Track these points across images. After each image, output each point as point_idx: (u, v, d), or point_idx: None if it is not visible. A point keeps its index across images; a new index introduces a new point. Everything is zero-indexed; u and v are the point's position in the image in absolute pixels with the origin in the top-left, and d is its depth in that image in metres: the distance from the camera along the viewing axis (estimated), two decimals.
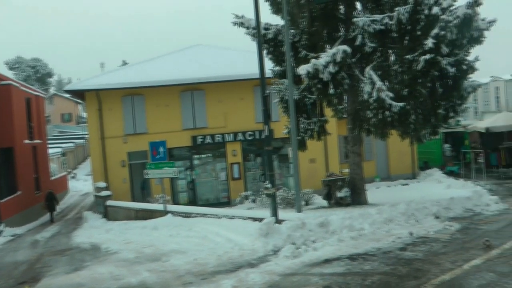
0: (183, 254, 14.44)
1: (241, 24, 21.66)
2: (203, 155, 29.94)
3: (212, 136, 28.92)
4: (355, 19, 19.29)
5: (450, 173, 34.36)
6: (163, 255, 14.61)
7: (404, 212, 17.63)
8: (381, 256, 12.93)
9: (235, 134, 29.15)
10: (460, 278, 10.65)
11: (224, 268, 12.44)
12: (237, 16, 21.79)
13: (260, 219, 16.12)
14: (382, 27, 18.86)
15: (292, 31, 21.25)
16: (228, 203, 28.62)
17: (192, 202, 28.76)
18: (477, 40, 20.30)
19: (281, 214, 16.96)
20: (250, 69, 24.90)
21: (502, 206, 20.44)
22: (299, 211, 18.36)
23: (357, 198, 21.58)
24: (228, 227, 17.10)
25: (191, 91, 28.87)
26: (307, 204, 23.86)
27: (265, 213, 17.62)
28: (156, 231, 19.09)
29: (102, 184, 27.20)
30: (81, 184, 50.60)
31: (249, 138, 29.37)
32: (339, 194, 21.55)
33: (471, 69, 20.50)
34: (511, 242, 13.88)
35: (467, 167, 33.59)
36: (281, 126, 23.60)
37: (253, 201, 26.17)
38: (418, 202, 19.08)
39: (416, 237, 15.00)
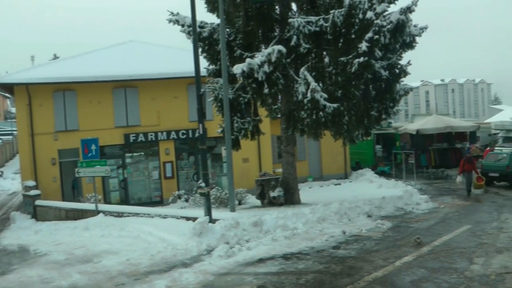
0: (115, 254, 14.15)
1: (176, 22, 21.43)
2: (135, 154, 29.48)
3: (145, 134, 28.52)
4: (290, 20, 19.42)
5: (382, 173, 35.10)
6: (94, 256, 14.25)
7: (337, 211, 17.90)
8: (314, 255, 13.09)
9: (169, 132, 28.83)
10: (392, 275, 10.93)
11: (157, 268, 12.29)
12: (172, 13, 21.54)
13: (193, 219, 16.01)
14: (317, 28, 19.06)
15: (228, 30, 21.20)
16: (160, 202, 28.28)
17: (124, 201, 28.27)
18: (409, 45, 20.88)
19: (215, 213, 16.89)
20: (185, 67, 24.64)
21: (431, 205, 21.14)
22: (233, 210, 18.34)
23: (290, 198, 21.72)
24: (161, 227, 16.88)
25: (124, 88, 28.36)
26: (240, 203, 23.85)
27: (199, 212, 17.51)
28: (88, 231, 18.63)
29: (31, 182, 26.31)
30: (9, 183, 48.84)
31: (183, 137, 29.12)
32: (273, 194, 21.62)
33: (403, 73, 21.09)
34: (440, 239, 14.41)
35: (398, 167, 34.40)
36: (215, 125, 23.49)
37: (186, 200, 25.95)
38: (350, 201, 19.43)
39: (349, 236, 15.29)
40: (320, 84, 19.22)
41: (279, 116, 22.93)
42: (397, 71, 20.95)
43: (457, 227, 16.49)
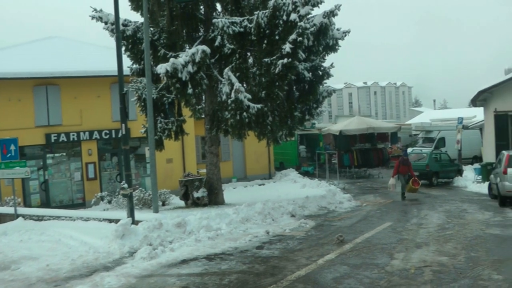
0: (35, 260, 13.62)
1: (100, 19, 21.00)
2: (57, 154, 28.65)
3: (67, 134, 27.77)
4: (215, 20, 19.38)
5: (305, 173, 35.63)
6: (12, 262, 13.66)
7: (260, 211, 17.98)
8: (238, 255, 13.10)
9: (91, 132, 28.19)
10: (315, 273, 11.08)
11: (78, 273, 11.95)
12: (95, 10, 21.09)
13: (116, 221, 15.70)
14: (242, 29, 19.09)
15: (152, 29, 20.97)
16: (83, 205, 27.60)
17: (45, 204, 27.40)
18: (332, 48, 21.24)
19: (138, 215, 16.67)
20: (109, 65, 24.13)
21: (354, 203, 21.65)
22: (156, 211, 18.15)
23: (214, 198, 21.67)
24: (83, 230, 16.46)
25: (46, 85, 27.49)
26: (164, 204, 23.58)
27: (122, 214, 17.20)
28: (5, 236, 17.88)
29: None
30: None
31: (106, 137, 28.54)
32: (196, 194, 21.51)
33: (327, 75, 21.50)
34: (362, 237, 14.77)
35: (322, 167, 34.94)
36: (139, 125, 23.17)
37: (109, 202, 25.43)
38: (274, 201, 19.58)
39: (273, 236, 15.39)
40: (244, 85, 19.29)
41: (203, 116, 22.84)
42: (320, 73, 21.32)
43: (378, 224, 16.96)
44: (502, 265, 11.40)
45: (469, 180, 28.38)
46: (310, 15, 19.35)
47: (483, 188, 24.73)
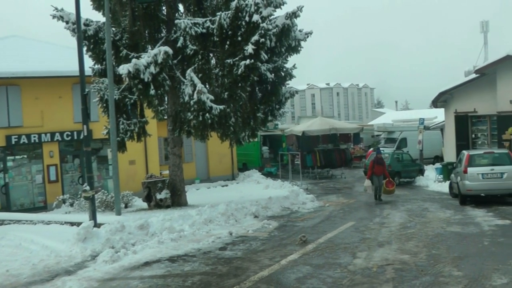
0: None
1: (61, 18, 20.69)
2: (18, 156, 28.15)
3: (28, 136, 27.31)
4: (177, 21, 19.29)
5: (268, 174, 35.69)
6: None
7: (223, 212, 17.98)
8: (201, 256, 13.08)
9: (53, 134, 27.78)
10: (278, 273, 11.12)
11: (39, 278, 11.75)
12: (56, 9, 20.76)
13: (78, 224, 15.51)
14: (204, 30, 19.05)
15: (114, 29, 20.78)
16: (44, 208, 27.17)
17: (6, 208, 26.87)
18: (294, 49, 21.32)
19: (100, 217, 16.51)
20: (70, 66, 23.81)
21: (317, 204, 21.76)
22: (119, 214, 18.02)
23: (177, 200, 21.58)
24: (44, 234, 16.20)
25: (6, 86, 27.01)
26: (126, 206, 23.40)
27: (84, 217, 17.06)
28: None
29: None
30: None
31: (67, 139, 28.16)
32: (159, 196, 21.40)
33: (289, 76, 21.62)
34: (325, 237, 14.87)
35: (285, 168, 35.06)
36: (101, 126, 22.92)
37: (71, 204, 25.10)
38: (237, 202, 19.60)
39: (236, 236, 15.41)
40: (207, 86, 19.27)
41: (165, 117, 22.74)
42: (282, 74, 21.42)
43: (341, 224, 17.08)
44: (462, 262, 11.62)
45: (431, 179, 28.77)
46: (272, 17, 19.37)
47: (444, 187, 25.09)
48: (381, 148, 35.30)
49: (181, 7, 21.54)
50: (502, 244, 13.48)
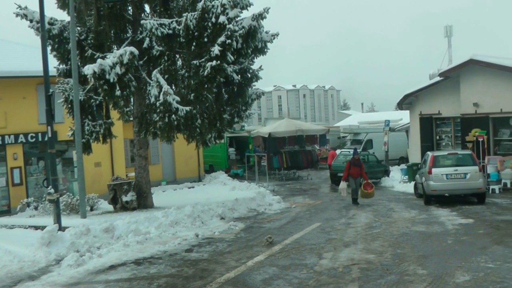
0: None
1: (24, 16, 20.34)
2: None
3: None
4: (143, 21, 19.14)
5: (235, 176, 35.66)
6: None
7: (190, 214, 17.93)
8: (167, 258, 13.03)
9: (16, 136, 27.29)
10: (245, 275, 11.14)
11: (1, 284, 11.54)
12: (20, 7, 20.39)
13: (42, 227, 15.30)
14: (170, 31, 18.95)
15: (79, 28, 20.54)
16: (8, 211, 26.68)
17: None
18: (261, 50, 21.32)
19: (65, 220, 16.35)
20: (34, 65, 23.43)
21: (283, 205, 21.84)
22: (84, 217, 17.84)
23: (143, 202, 21.41)
24: (7, 238, 15.96)
25: None
26: (92, 209, 23.10)
27: (48, 220, 16.83)
28: None
29: None
30: None
31: (32, 141, 27.70)
32: (125, 198, 21.19)
33: (255, 77, 21.63)
34: (291, 238, 14.92)
35: (251, 169, 35.07)
36: (66, 127, 22.60)
37: (36, 208, 24.70)
38: (204, 204, 19.57)
39: (202, 238, 15.40)
40: (173, 87, 19.20)
41: (131, 119, 22.53)
42: (249, 75, 21.43)
43: (307, 225, 17.16)
44: (426, 260, 11.82)
45: (396, 180, 29.08)
46: (239, 18, 19.36)
47: (409, 187, 25.38)
48: (347, 150, 35.67)
49: (147, 8, 21.38)
50: (465, 242, 13.74)
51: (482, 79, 25.68)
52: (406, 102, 30.92)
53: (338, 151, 35.62)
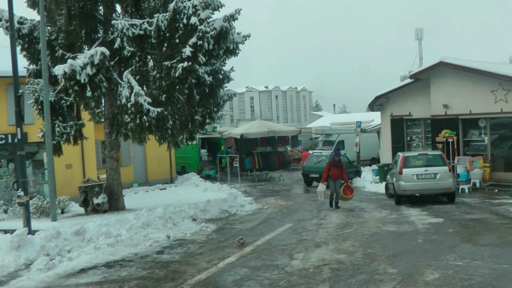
0: None
1: None
2: None
3: None
4: (114, 22, 19.05)
5: (207, 177, 35.61)
6: None
7: (161, 216, 17.84)
8: (138, 261, 12.96)
9: None
10: (216, 276, 11.14)
11: None
12: None
13: (12, 231, 15.01)
14: (142, 32, 18.88)
15: (49, 28, 20.31)
16: None
17: None
18: (233, 52, 21.36)
19: (35, 224, 16.16)
20: (3, 65, 23.12)
21: (255, 206, 21.85)
22: (54, 220, 17.65)
23: (114, 204, 21.25)
24: None
25: None
26: (63, 212, 22.86)
27: (18, 224, 16.64)
28: None
29: None
30: None
31: (1, 142, 27.35)
32: (96, 201, 21.01)
33: (227, 78, 21.71)
34: (263, 239, 14.96)
35: (223, 171, 35.02)
36: (36, 129, 22.34)
37: (5, 211, 24.37)
38: (175, 205, 19.50)
39: (174, 240, 15.34)
40: (144, 88, 19.12)
41: (102, 120, 22.35)
42: (220, 76, 21.51)
43: (279, 226, 17.19)
44: (397, 259, 11.95)
45: (367, 180, 29.28)
46: (210, 19, 19.35)
47: (381, 188, 25.59)
48: (318, 151, 35.80)
49: (118, 8, 21.21)
50: (435, 241, 13.94)
51: (452, 81, 26.05)
52: (377, 104, 31.20)
53: (310, 152, 35.81)
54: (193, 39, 17.98)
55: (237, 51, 21.57)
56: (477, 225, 16.03)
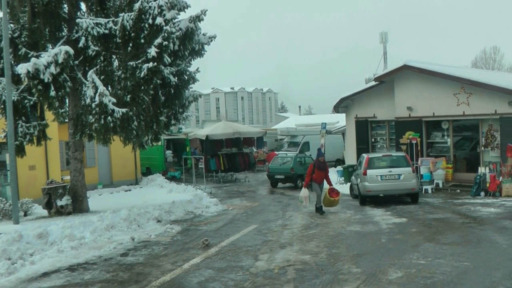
0: None
1: None
2: None
3: None
4: (79, 20, 18.81)
5: (172, 178, 35.45)
6: None
7: (126, 217, 17.72)
8: (102, 263, 12.84)
9: None
10: (180, 278, 11.12)
11: None
12: None
13: None
14: (107, 31, 18.69)
15: (12, 25, 19.94)
16: None
17: None
18: (198, 52, 21.36)
19: None
20: None
21: (221, 207, 21.84)
22: (17, 222, 17.41)
23: (78, 206, 21.00)
24: None
25: None
26: (26, 214, 22.47)
27: None
28: None
29: None
30: None
31: None
32: (60, 203, 20.74)
33: (192, 79, 21.65)
34: (228, 240, 14.97)
35: (189, 172, 34.91)
36: None
37: None
38: (140, 207, 19.38)
39: (138, 242, 15.24)
40: (109, 88, 18.97)
41: (66, 120, 22.05)
42: (186, 77, 21.41)
43: (244, 227, 17.23)
44: (361, 259, 12.11)
45: (332, 181, 29.38)
46: (176, 20, 19.25)
47: (345, 188, 25.74)
48: (284, 152, 35.90)
49: (83, 6, 21.00)
50: (398, 240, 14.16)
51: (416, 84, 26.44)
52: (342, 106, 31.46)
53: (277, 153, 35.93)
54: (159, 40, 17.90)
55: (203, 52, 21.56)
56: (440, 224, 16.31)
